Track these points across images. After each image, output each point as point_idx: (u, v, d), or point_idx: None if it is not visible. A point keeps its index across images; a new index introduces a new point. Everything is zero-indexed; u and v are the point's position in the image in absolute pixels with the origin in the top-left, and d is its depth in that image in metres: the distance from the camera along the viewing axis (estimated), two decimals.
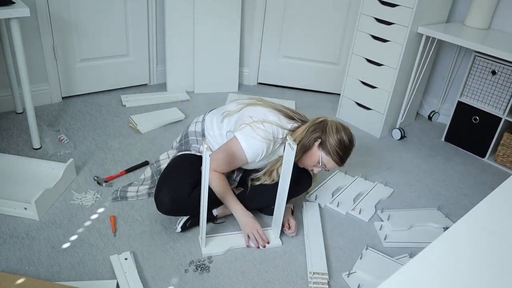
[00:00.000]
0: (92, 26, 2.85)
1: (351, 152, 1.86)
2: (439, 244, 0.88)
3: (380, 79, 2.80)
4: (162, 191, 1.77)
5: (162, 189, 1.78)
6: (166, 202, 1.76)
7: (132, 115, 2.76)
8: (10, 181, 2.07)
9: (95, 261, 1.72)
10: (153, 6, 3.04)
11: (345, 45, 3.27)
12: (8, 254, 1.71)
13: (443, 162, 2.70)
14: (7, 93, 2.67)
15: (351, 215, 2.14)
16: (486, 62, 2.64)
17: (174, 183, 1.78)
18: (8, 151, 2.32)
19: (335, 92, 3.44)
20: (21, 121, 2.63)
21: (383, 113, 2.84)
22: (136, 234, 1.87)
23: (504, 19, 2.73)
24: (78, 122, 2.70)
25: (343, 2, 3.16)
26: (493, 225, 0.97)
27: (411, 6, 2.52)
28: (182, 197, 1.76)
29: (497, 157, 2.71)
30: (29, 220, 1.88)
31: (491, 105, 2.67)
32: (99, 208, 2.00)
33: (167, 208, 1.78)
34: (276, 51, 3.41)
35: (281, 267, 1.79)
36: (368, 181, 2.40)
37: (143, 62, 3.20)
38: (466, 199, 2.37)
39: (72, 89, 2.97)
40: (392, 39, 2.67)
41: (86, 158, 2.35)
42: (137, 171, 2.27)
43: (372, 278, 1.75)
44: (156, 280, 1.67)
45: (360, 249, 1.93)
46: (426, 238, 2.01)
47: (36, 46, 2.68)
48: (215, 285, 1.67)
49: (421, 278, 0.80)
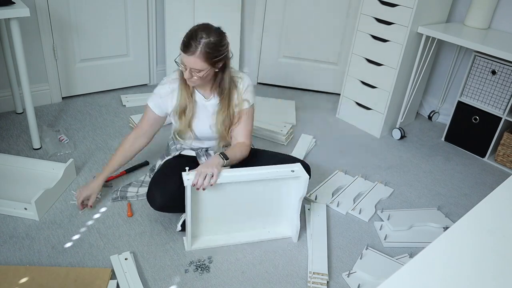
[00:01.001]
0: (92, 26, 2.85)
1: (193, 36, 1.65)
2: (439, 244, 0.89)
3: (380, 79, 2.80)
4: (153, 187, 1.81)
5: (152, 186, 1.82)
6: (157, 197, 1.78)
7: (132, 115, 2.76)
8: (10, 181, 2.07)
9: (95, 261, 1.72)
10: (153, 6, 3.04)
11: (345, 45, 3.27)
12: (8, 254, 1.71)
13: (443, 162, 2.70)
14: (7, 93, 2.67)
15: (351, 215, 2.14)
16: (486, 62, 2.64)
17: (162, 179, 1.82)
18: (8, 151, 2.32)
19: (335, 92, 3.44)
20: (21, 121, 2.63)
21: (383, 113, 2.84)
22: (136, 234, 1.87)
23: (504, 19, 2.73)
24: (78, 122, 2.70)
25: (343, 2, 3.16)
26: (493, 224, 0.97)
27: (411, 6, 2.52)
28: (171, 190, 1.78)
29: (497, 157, 2.71)
30: (29, 220, 1.88)
31: (491, 105, 2.67)
32: (99, 208, 2.00)
33: (159, 203, 1.79)
34: (276, 51, 3.41)
35: (281, 267, 1.79)
36: (368, 181, 2.40)
37: (143, 62, 3.20)
38: (466, 199, 2.37)
39: (72, 89, 2.97)
40: (392, 39, 2.67)
41: (86, 158, 2.35)
42: (137, 171, 2.27)
43: (372, 278, 1.75)
44: (156, 280, 1.67)
45: (360, 249, 1.93)
46: (426, 238, 2.01)
47: (36, 46, 2.68)
48: (215, 285, 1.67)
49: (421, 278, 0.80)
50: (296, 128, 2.85)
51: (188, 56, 1.67)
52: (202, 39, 1.65)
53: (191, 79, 1.74)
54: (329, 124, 3.02)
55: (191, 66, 1.68)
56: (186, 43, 1.67)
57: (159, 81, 1.96)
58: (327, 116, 3.11)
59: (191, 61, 1.67)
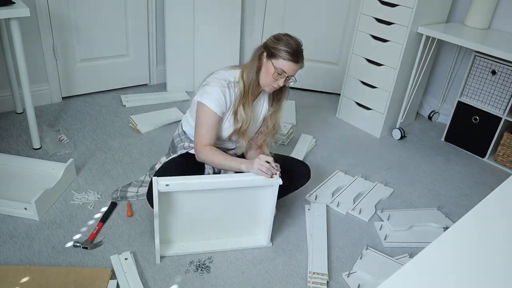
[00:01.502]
0: (92, 26, 2.85)
1: (300, 46, 1.75)
2: (439, 244, 0.89)
3: (380, 79, 2.80)
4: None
5: (152, 186, 1.79)
6: None
7: (132, 115, 2.76)
8: (10, 181, 2.07)
9: (95, 261, 1.72)
10: (153, 6, 3.04)
11: (345, 45, 3.27)
12: (8, 254, 1.71)
13: (443, 162, 2.70)
14: (7, 93, 2.67)
15: (351, 215, 2.14)
16: (486, 62, 2.64)
17: None
18: (8, 151, 2.32)
19: (335, 92, 3.44)
20: (21, 121, 2.63)
21: (383, 113, 2.84)
22: (136, 234, 1.87)
23: (504, 19, 2.73)
24: (78, 122, 2.70)
25: (343, 2, 3.16)
26: (493, 225, 0.97)
27: (411, 6, 2.52)
28: None
29: (497, 157, 2.71)
30: (29, 220, 1.88)
31: (491, 105, 2.67)
32: (99, 208, 2.00)
33: None
34: None
35: (281, 267, 1.79)
36: (368, 181, 2.40)
37: (143, 62, 3.20)
38: (466, 199, 2.37)
39: (72, 89, 2.97)
40: (392, 39, 2.67)
41: (86, 158, 2.35)
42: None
43: (372, 278, 1.75)
44: (156, 280, 1.67)
45: (360, 249, 1.93)
46: (426, 238, 2.01)
47: (36, 46, 2.68)
48: (215, 285, 1.67)
49: (421, 278, 0.80)
50: (296, 128, 2.85)
51: (296, 64, 1.74)
52: (302, 48, 1.77)
53: (276, 86, 1.77)
54: (329, 124, 3.02)
55: (294, 74, 1.77)
56: (295, 52, 1.72)
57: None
58: (327, 116, 3.11)
59: (297, 70, 1.77)
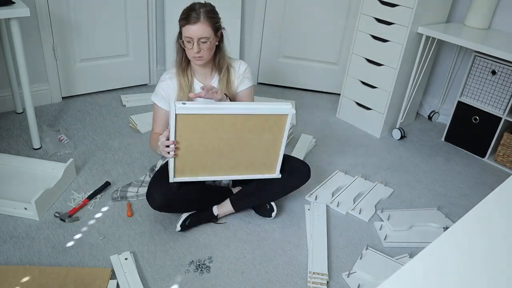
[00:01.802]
0: (92, 26, 2.85)
1: (193, 6, 1.71)
2: (439, 244, 0.88)
3: (380, 79, 2.80)
4: (153, 187, 1.81)
5: (152, 186, 1.82)
6: (157, 197, 1.78)
7: (132, 115, 2.76)
8: (10, 181, 2.07)
9: (95, 261, 1.72)
10: (153, 6, 3.04)
11: (345, 45, 3.27)
12: (8, 254, 1.71)
13: (443, 162, 2.70)
14: (7, 93, 2.67)
15: (351, 215, 2.14)
16: (486, 62, 2.64)
17: (162, 179, 1.82)
18: (8, 151, 2.32)
19: (335, 92, 3.44)
20: (21, 121, 2.63)
21: (383, 113, 2.84)
22: (136, 234, 1.87)
23: (504, 19, 2.73)
24: (78, 122, 2.70)
25: (343, 2, 3.16)
26: (493, 225, 0.97)
27: (411, 6, 2.52)
28: (171, 190, 1.78)
29: (497, 157, 2.71)
30: (29, 220, 1.88)
31: (491, 105, 2.67)
32: (99, 208, 2.00)
33: (158, 202, 1.79)
34: (276, 51, 3.41)
35: (281, 267, 1.79)
36: (368, 181, 2.40)
37: (143, 62, 3.20)
38: (466, 199, 2.37)
39: (72, 89, 2.97)
40: (392, 39, 2.67)
41: (86, 158, 2.35)
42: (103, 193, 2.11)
43: (372, 278, 1.75)
44: (156, 280, 1.67)
45: (360, 249, 1.93)
46: (426, 238, 2.01)
47: (36, 46, 2.68)
48: (215, 285, 1.67)
49: (421, 278, 0.80)
50: (296, 128, 2.85)
51: (193, 25, 1.67)
52: (200, 8, 1.70)
53: (200, 54, 1.72)
54: (329, 124, 3.02)
55: (199, 35, 1.68)
56: (186, 15, 1.69)
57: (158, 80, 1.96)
58: (327, 116, 3.11)
59: (198, 29, 1.68)
